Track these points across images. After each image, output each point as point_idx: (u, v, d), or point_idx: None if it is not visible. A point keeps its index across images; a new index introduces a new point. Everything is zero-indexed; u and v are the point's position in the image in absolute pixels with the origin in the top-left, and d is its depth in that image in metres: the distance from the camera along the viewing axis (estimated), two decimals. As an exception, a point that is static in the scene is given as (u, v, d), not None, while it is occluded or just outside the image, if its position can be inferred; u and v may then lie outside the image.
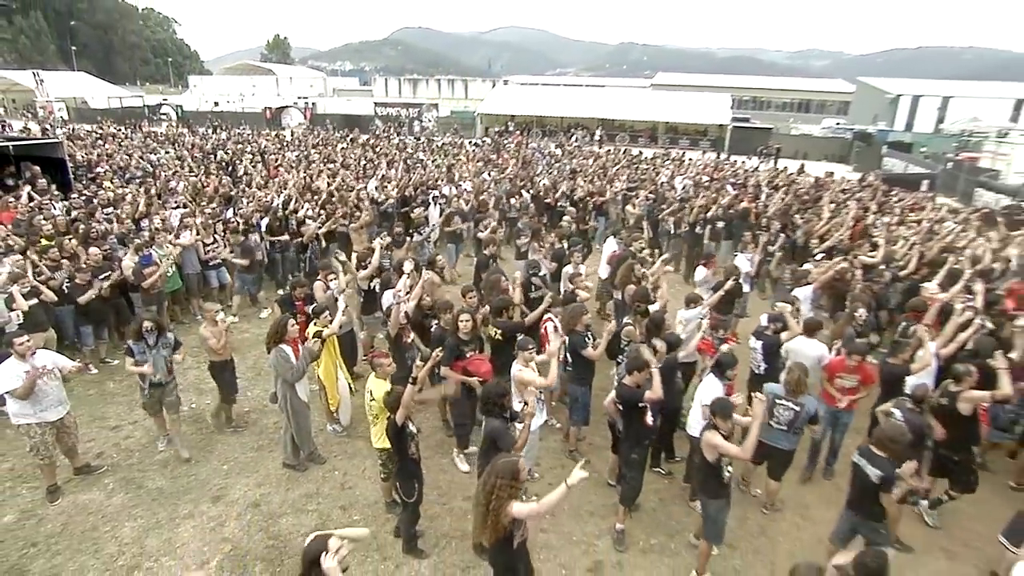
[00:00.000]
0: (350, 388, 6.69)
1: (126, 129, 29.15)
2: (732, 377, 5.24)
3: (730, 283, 7.37)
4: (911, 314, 6.83)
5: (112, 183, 13.92)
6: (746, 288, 8.90)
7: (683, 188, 15.97)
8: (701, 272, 8.53)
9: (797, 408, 5.11)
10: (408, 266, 6.76)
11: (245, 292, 9.89)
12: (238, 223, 10.06)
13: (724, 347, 5.77)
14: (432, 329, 6.24)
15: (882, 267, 8.73)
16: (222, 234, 9.83)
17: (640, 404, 4.86)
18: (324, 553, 2.81)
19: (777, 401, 5.20)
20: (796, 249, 10.68)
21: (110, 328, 8.28)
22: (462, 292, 6.77)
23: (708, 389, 5.12)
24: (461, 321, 5.76)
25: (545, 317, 6.39)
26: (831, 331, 6.89)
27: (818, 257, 9.40)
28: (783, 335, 6.24)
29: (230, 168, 17.88)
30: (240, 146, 22.71)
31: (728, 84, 59.61)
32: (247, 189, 13.66)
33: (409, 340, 6.55)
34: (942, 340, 6.11)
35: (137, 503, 5.50)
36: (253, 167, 17.33)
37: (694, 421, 5.25)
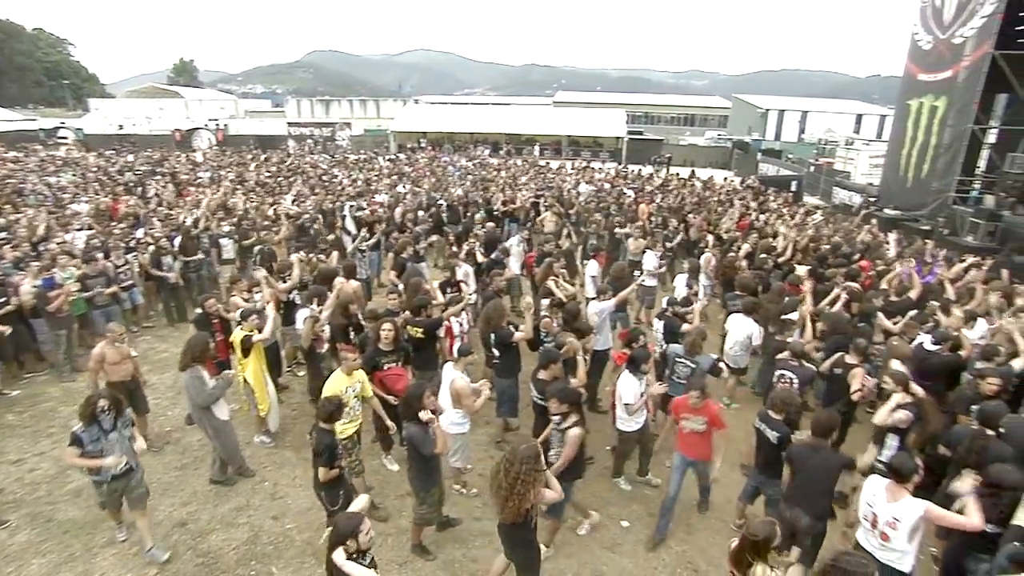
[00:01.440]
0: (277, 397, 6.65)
1: (19, 153, 26.87)
2: (647, 371, 5.51)
3: (634, 285, 8.12)
4: (789, 287, 7.83)
5: (6, 207, 12.97)
6: (653, 282, 9.73)
7: (587, 194, 16.92)
8: (593, 266, 9.17)
9: (693, 365, 5.85)
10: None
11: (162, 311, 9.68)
12: (148, 243, 9.73)
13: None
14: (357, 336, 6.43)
15: (763, 256, 9.80)
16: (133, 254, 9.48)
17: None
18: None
19: (677, 359, 5.98)
20: (691, 244, 11.77)
21: (7, 358, 7.72)
22: (387, 293, 6.97)
23: (626, 385, 5.42)
24: (382, 331, 5.81)
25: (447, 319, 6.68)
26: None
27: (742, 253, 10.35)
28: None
29: (140, 189, 17.10)
30: (148, 167, 21.85)
31: (622, 101, 63.17)
32: (157, 209, 13.13)
33: (322, 351, 6.75)
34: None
35: (46, 538, 5.11)
36: (163, 188, 16.71)
37: (619, 417, 5.62)
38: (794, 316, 7.00)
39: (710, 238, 10.97)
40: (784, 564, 3.25)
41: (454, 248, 9.68)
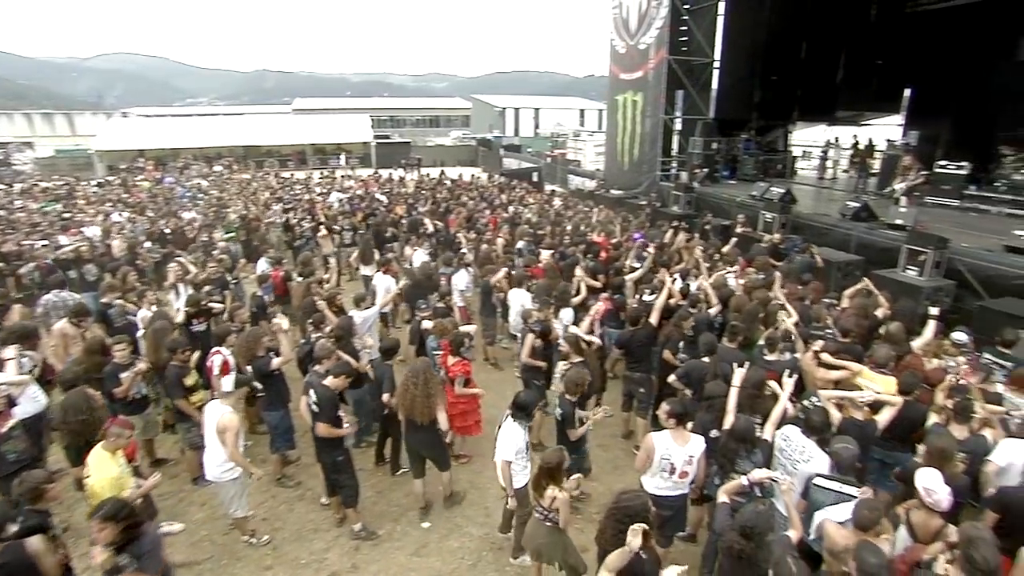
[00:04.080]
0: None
1: None
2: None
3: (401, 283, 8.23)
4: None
5: None
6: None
7: (339, 202, 16.29)
8: (382, 278, 8.86)
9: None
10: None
11: None
12: None
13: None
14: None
15: (519, 246, 10.48)
16: None
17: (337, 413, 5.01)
18: None
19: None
20: (451, 242, 12.03)
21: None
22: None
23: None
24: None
25: (215, 350, 5.86)
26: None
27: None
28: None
29: None
30: None
31: (366, 106, 62.11)
32: None
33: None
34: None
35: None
36: None
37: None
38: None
39: (465, 233, 11.41)
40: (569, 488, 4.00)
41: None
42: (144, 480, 4.34)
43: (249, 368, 5.79)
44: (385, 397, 5.68)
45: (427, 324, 7.01)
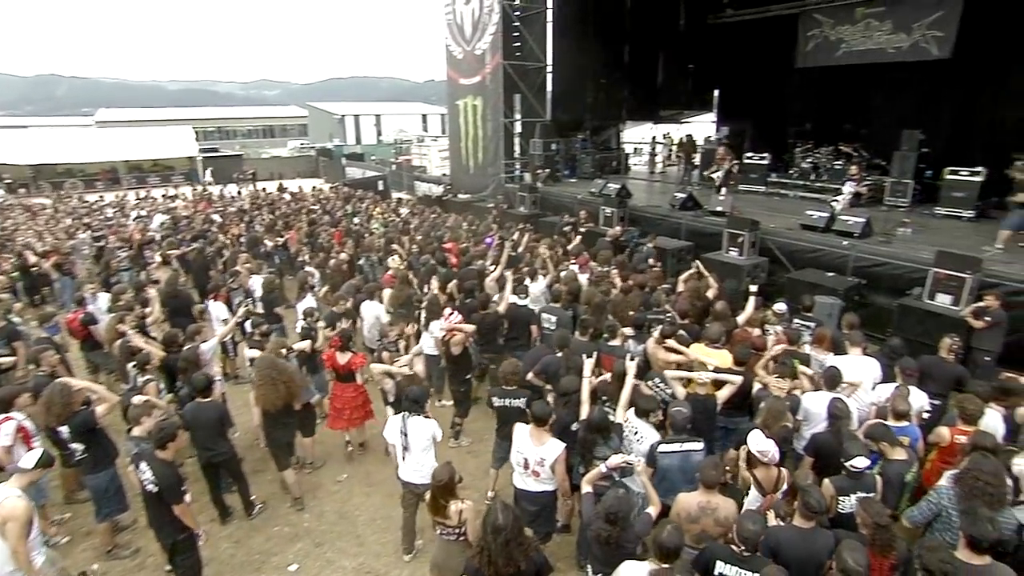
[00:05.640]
0: None
1: None
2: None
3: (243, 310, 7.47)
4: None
5: None
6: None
7: (161, 224, 14.57)
8: (217, 307, 8.08)
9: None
10: None
11: None
12: None
13: None
14: None
15: (360, 262, 10.03)
16: None
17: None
18: None
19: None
20: (292, 261, 11.25)
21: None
22: None
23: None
24: None
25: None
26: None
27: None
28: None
29: None
30: None
31: (188, 117, 56.14)
32: None
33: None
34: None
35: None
36: None
37: None
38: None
39: (307, 250, 10.69)
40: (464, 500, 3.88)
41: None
42: None
43: (64, 429, 4.80)
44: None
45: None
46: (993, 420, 4.68)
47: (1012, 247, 9.25)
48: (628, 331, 6.14)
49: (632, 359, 4.90)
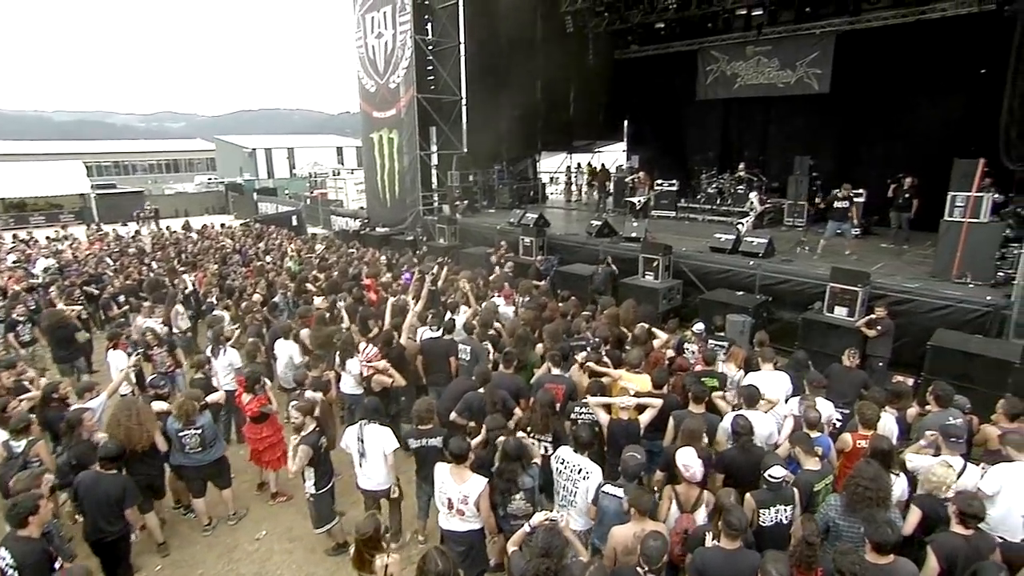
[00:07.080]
0: None
1: None
2: None
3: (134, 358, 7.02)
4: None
5: None
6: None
7: (45, 270, 13.32)
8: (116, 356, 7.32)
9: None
10: None
11: None
12: None
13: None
14: None
15: (275, 300, 9.55)
16: None
17: None
18: None
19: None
20: (200, 304, 10.56)
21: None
22: None
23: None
24: None
25: None
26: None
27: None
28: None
29: None
30: None
31: (79, 150, 52.26)
32: None
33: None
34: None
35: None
36: None
37: None
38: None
39: (216, 291, 10.06)
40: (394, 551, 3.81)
41: None
42: None
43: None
44: None
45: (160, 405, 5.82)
46: (889, 423, 5.03)
47: (826, 252, 10.93)
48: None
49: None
